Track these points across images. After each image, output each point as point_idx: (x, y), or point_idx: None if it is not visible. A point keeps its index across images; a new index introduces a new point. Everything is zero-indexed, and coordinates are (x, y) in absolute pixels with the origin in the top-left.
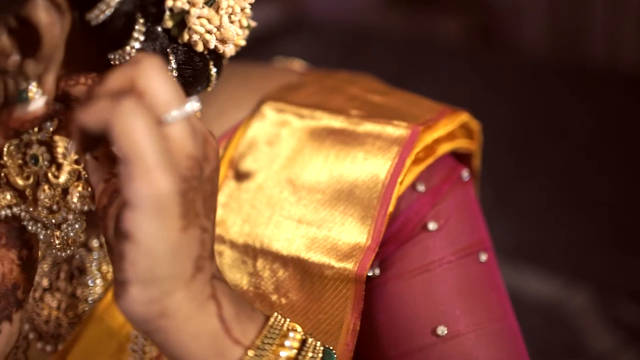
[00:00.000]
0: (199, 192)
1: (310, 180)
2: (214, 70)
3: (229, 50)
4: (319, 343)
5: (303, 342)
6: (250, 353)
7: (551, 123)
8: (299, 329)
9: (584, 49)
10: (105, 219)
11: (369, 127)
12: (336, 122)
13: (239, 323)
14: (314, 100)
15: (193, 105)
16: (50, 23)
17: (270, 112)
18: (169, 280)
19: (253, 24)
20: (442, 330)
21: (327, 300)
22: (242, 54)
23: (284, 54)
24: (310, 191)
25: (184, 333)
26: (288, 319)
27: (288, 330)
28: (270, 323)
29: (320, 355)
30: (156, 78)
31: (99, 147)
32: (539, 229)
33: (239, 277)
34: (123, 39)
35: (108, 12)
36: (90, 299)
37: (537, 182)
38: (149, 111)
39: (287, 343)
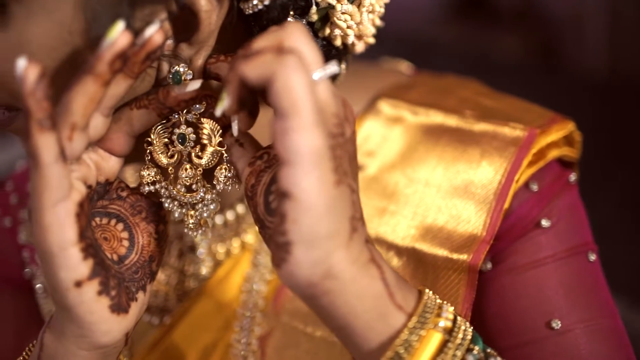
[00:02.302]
0: (344, 150)
1: (426, 175)
2: (343, 65)
3: (360, 47)
4: (465, 320)
5: (455, 316)
6: (414, 319)
7: (610, 143)
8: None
9: None
10: (255, 196)
11: (485, 127)
12: (451, 121)
13: (400, 289)
14: (428, 100)
15: (333, 67)
16: (210, 10)
17: (386, 108)
18: (329, 239)
19: (381, 24)
20: (556, 323)
21: (440, 289)
22: None
23: None
24: (426, 185)
25: (349, 294)
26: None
27: (441, 303)
28: (426, 294)
29: (470, 330)
30: (304, 39)
31: (246, 108)
32: (603, 249)
33: None
34: None
35: (266, 2)
36: (200, 276)
37: (598, 201)
38: (306, 69)
39: (443, 314)
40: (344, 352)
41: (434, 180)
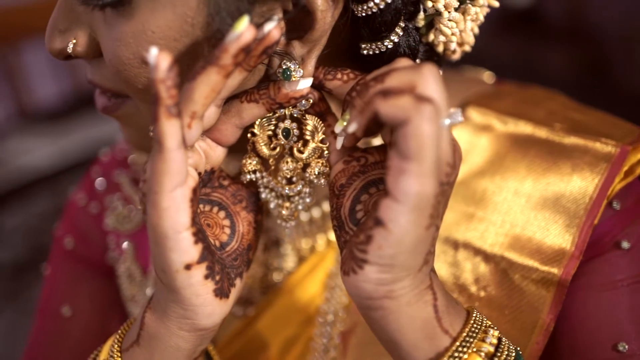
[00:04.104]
0: (445, 196)
1: (515, 184)
2: (440, 72)
3: (456, 55)
4: (511, 344)
5: (499, 340)
6: (457, 343)
7: None
8: (495, 327)
9: None
10: (342, 197)
11: (575, 141)
12: (541, 132)
13: (448, 314)
14: (516, 110)
15: (459, 116)
16: (326, 10)
17: (474, 115)
18: (402, 270)
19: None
20: (623, 347)
21: (526, 300)
22: None
23: None
24: (515, 194)
25: (402, 314)
26: (484, 317)
27: (487, 327)
28: (472, 318)
29: (514, 354)
30: (439, 87)
31: (370, 136)
32: None
33: (438, 267)
34: (385, 31)
35: (382, 6)
36: (284, 270)
37: None
38: (437, 118)
39: (487, 339)
40: None
41: (523, 190)
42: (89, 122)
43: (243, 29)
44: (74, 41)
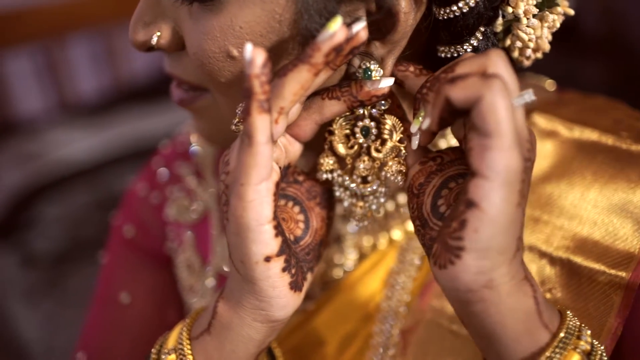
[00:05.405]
0: (528, 176)
1: (581, 189)
2: None
3: (528, 61)
4: (599, 343)
5: (592, 339)
6: (558, 339)
7: None
8: (585, 326)
9: None
10: (422, 195)
11: None
12: (608, 140)
13: (547, 309)
14: (581, 118)
15: (530, 95)
16: (409, 12)
17: (540, 121)
18: (499, 254)
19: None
20: None
21: (593, 303)
22: None
23: None
24: (581, 199)
25: (502, 306)
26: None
27: (580, 325)
28: (567, 315)
29: (604, 355)
30: (506, 66)
31: (445, 127)
32: None
33: None
34: (465, 35)
35: (465, 10)
36: (344, 267)
37: None
38: (508, 94)
39: (582, 337)
40: None
41: (590, 195)
42: (128, 117)
43: (336, 29)
44: (159, 34)
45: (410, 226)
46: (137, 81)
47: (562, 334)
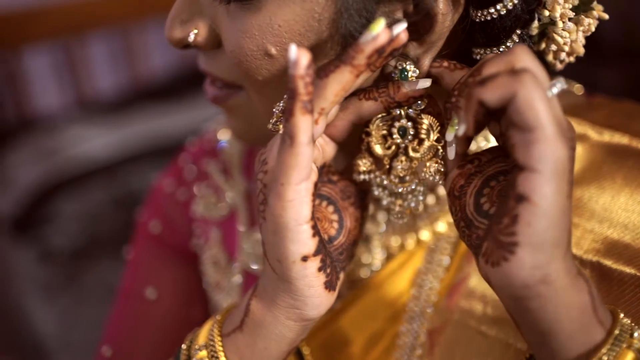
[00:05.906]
0: (573, 165)
1: (612, 193)
2: None
3: (561, 65)
4: None
5: None
6: (613, 336)
7: None
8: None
9: None
10: (464, 196)
11: None
12: (639, 144)
13: (601, 305)
14: (611, 122)
15: (562, 83)
16: (446, 13)
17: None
18: (554, 247)
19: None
20: None
21: (624, 305)
22: None
23: None
24: (611, 202)
25: (559, 302)
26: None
27: (632, 324)
28: (619, 313)
29: None
30: (533, 59)
31: (481, 130)
32: None
33: None
34: (501, 37)
35: (503, 12)
36: (371, 266)
37: None
38: (541, 85)
39: (635, 335)
40: (518, 355)
41: (620, 199)
42: (146, 114)
43: (379, 31)
44: (196, 31)
45: (438, 227)
46: (155, 79)
47: (616, 331)
